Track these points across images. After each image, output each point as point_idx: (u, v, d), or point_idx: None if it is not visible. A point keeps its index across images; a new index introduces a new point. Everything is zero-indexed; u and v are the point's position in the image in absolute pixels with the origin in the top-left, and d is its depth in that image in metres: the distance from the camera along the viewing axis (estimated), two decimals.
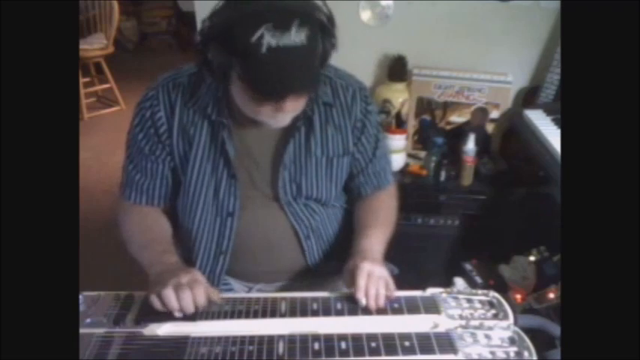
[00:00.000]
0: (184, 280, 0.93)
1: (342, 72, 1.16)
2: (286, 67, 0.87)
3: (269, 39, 0.84)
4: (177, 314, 0.92)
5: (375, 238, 1.10)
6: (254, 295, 1.04)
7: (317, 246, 1.18)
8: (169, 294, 0.90)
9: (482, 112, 1.99)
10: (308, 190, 1.13)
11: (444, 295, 1.00)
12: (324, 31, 0.92)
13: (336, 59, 1.16)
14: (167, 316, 0.92)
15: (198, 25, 1.98)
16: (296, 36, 0.85)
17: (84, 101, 3.96)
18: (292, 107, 0.95)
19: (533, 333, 0.97)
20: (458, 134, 1.96)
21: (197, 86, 1.07)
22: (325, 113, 1.10)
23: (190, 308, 0.92)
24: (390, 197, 1.24)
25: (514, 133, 1.89)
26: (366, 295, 0.95)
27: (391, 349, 0.86)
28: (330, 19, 0.94)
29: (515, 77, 1.97)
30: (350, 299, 0.98)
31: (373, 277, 0.97)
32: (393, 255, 1.30)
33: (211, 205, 1.12)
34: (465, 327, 0.92)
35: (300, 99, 0.95)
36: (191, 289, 0.92)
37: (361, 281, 0.96)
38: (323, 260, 1.21)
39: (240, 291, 1.20)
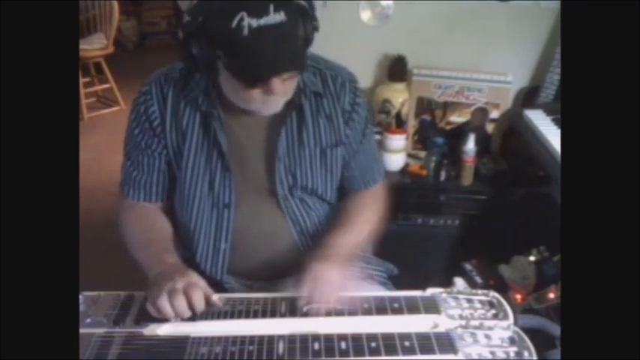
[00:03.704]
0: (179, 285, 0.92)
1: (333, 63, 1.16)
2: (269, 45, 0.88)
3: (249, 21, 0.86)
4: (174, 320, 0.92)
5: (345, 238, 1.09)
6: (254, 295, 1.04)
7: (312, 242, 1.18)
8: (163, 303, 0.89)
9: (482, 112, 1.98)
10: (303, 181, 1.13)
11: (444, 295, 1.00)
12: (303, 13, 0.93)
13: (336, 59, 1.17)
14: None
15: None
16: (275, 15, 0.87)
17: (84, 101, 3.96)
18: (281, 89, 0.96)
19: (533, 333, 0.98)
20: (458, 134, 1.96)
21: (188, 79, 1.08)
22: (316, 103, 1.11)
23: (185, 314, 0.91)
24: (373, 199, 1.23)
25: (514, 133, 1.89)
26: (309, 302, 0.94)
27: (391, 349, 0.86)
28: (309, 1, 0.95)
29: (515, 77, 1.97)
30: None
31: (319, 282, 0.95)
32: (393, 255, 1.30)
33: (207, 197, 1.12)
34: (465, 327, 0.92)
35: (288, 80, 0.96)
36: (187, 294, 0.91)
37: (305, 287, 0.95)
38: None
39: (239, 290, 1.20)
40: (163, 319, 0.92)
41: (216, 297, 0.96)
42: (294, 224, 1.15)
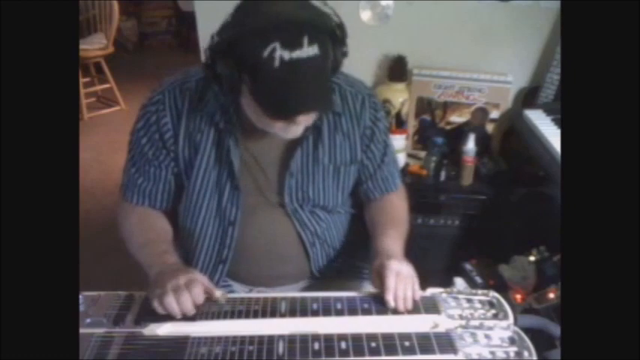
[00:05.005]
0: (182, 281, 0.92)
1: (352, 78, 1.15)
2: (299, 82, 0.85)
3: (281, 53, 0.82)
4: (179, 316, 0.92)
5: (394, 238, 1.09)
6: (254, 295, 1.04)
7: (322, 252, 1.18)
8: (170, 300, 0.90)
9: (483, 112, 1.98)
10: (315, 197, 1.12)
11: (444, 295, 1.00)
12: (334, 39, 0.91)
13: None
14: (167, 315, 0.92)
15: (198, 26, 2.00)
16: (309, 48, 0.84)
17: (84, 101, 3.96)
18: (305, 120, 0.95)
19: (533, 333, 0.97)
20: (458, 134, 1.96)
21: (205, 92, 1.05)
22: (334, 122, 1.10)
23: (191, 311, 0.92)
24: (400, 199, 1.24)
25: (514, 133, 1.89)
26: (395, 297, 0.94)
27: (391, 349, 0.86)
28: (341, 27, 0.93)
29: (515, 77, 1.97)
30: (350, 300, 0.98)
31: (401, 276, 0.96)
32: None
33: (214, 212, 1.11)
34: (465, 327, 0.92)
35: (314, 113, 0.95)
36: (189, 290, 0.91)
37: (390, 282, 0.95)
38: (326, 264, 1.21)
39: (240, 292, 1.20)
40: (164, 318, 0.92)
41: (219, 293, 0.96)
42: (304, 236, 1.15)
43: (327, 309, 0.95)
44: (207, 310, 0.94)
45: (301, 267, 1.18)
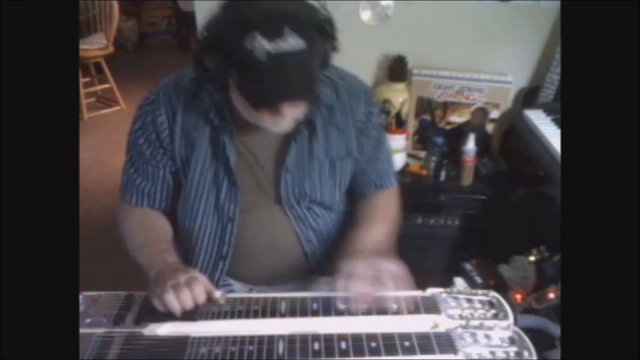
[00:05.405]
0: (182, 279, 0.92)
1: (345, 72, 1.15)
2: (283, 73, 0.86)
3: (265, 45, 0.83)
4: (179, 314, 0.92)
5: (370, 233, 1.09)
6: (254, 295, 1.04)
7: (319, 249, 1.18)
8: (169, 297, 0.90)
9: (483, 112, 1.99)
10: (312, 193, 1.13)
11: (444, 295, 1.00)
12: (323, 33, 0.91)
13: (336, 59, 1.16)
14: (167, 316, 0.92)
15: (198, 26, 2.00)
16: (293, 40, 0.84)
17: (84, 101, 3.96)
18: (292, 113, 0.95)
19: (533, 333, 0.97)
20: (458, 134, 1.96)
21: (199, 90, 1.06)
22: (328, 115, 1.10)
23: (190, 306, 0.92)
24: (391, 195, 1.24)
25: (514, 133, 1.89)
26: (346, 300, 0.93)
27: (391, 349, 0.86)
28: (329, 20, 0.93)
29: (515, 77, 1.97)
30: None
31: (352, 278, 0.95)
32: (393, 255, 1.30)
33: (212, 209, 1.12)
34: (465, 327, 0.92)
35: (299, 104, 0.95)
36: (189, 288, 0.92)
37: (339, 285, 0.95)
38: (324, 263, 1.21)
39: (240, 291, 1.20)
40: (164, 318, 0.92)
41: (218, 293, 0.96)
42: (301, 232, 1.15)
43: (327, 309, 0.95)
44: (207, 310, 0.94)
45: (299, 264, 1.18)
